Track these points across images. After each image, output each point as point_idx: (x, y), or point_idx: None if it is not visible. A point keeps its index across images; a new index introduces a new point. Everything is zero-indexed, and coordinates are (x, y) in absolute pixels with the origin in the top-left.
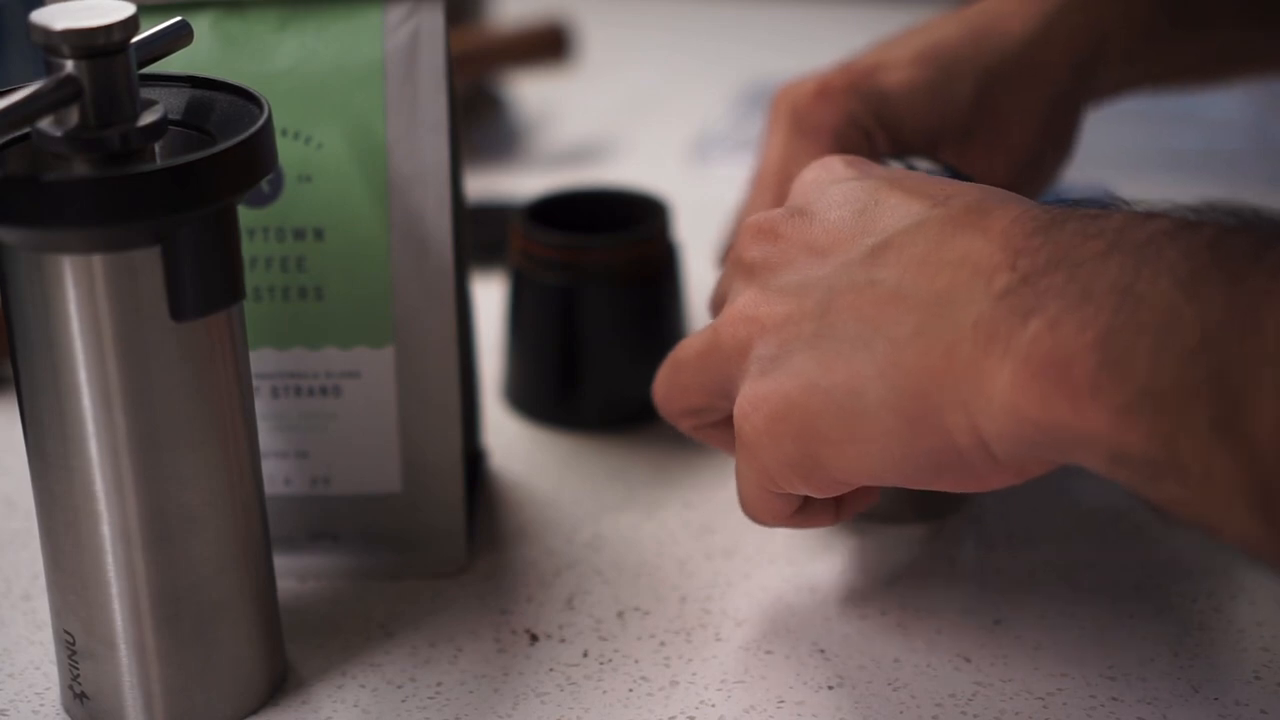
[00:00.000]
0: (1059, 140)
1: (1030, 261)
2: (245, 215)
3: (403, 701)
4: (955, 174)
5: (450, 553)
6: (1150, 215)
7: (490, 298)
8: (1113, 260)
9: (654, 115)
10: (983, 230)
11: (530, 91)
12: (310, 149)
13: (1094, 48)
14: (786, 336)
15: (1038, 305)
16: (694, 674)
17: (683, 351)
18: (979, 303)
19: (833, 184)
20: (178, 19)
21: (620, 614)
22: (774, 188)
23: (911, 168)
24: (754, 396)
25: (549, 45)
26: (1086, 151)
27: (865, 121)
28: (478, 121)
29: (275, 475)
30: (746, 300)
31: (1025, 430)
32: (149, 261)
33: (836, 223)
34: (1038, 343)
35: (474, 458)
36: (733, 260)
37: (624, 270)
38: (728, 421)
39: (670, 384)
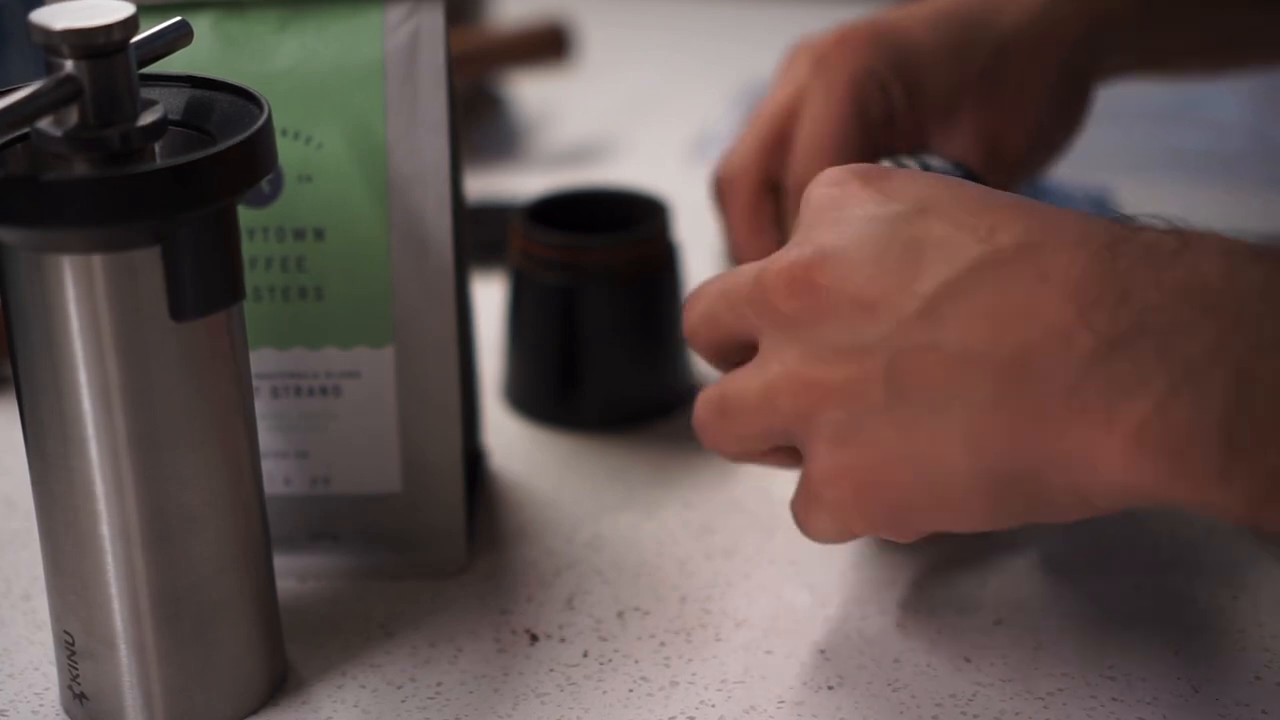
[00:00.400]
0: (1068, 112)
1: (1109, 322)
2: (245, 215)
3: (403, 702)
4: (968, 174)
5: (450, 553)
6: (1230, 262)
7: (490, 298)
8: (1207, 328)
9: (654, 115)
10: (1041, 277)
11: (530, 91)
12: (310, 149)
13: (1102, 23)
14: (855, 403)
15: (1137, 382)
16: (694, 674)
17: (733, 402)
18: (1064, 372)
19: (857, 213)
20: (178, 19)
21: (620, 614)
22: (773, 126)
23: (926, 165)
24: (836, 467)
25: (549, 45)
26: (1087, 151)
27: (883, 75)
28: (478, 121)
29: (275, 475)
30: (796, 361)
31: (1138, 497)
32: (149, 261)
33: (876, 267)
34: (1149, 426)
35: (474, 458)
36: (761, 307)
37: (624, 270)
38: (782, 449)
39: (722, 432)
